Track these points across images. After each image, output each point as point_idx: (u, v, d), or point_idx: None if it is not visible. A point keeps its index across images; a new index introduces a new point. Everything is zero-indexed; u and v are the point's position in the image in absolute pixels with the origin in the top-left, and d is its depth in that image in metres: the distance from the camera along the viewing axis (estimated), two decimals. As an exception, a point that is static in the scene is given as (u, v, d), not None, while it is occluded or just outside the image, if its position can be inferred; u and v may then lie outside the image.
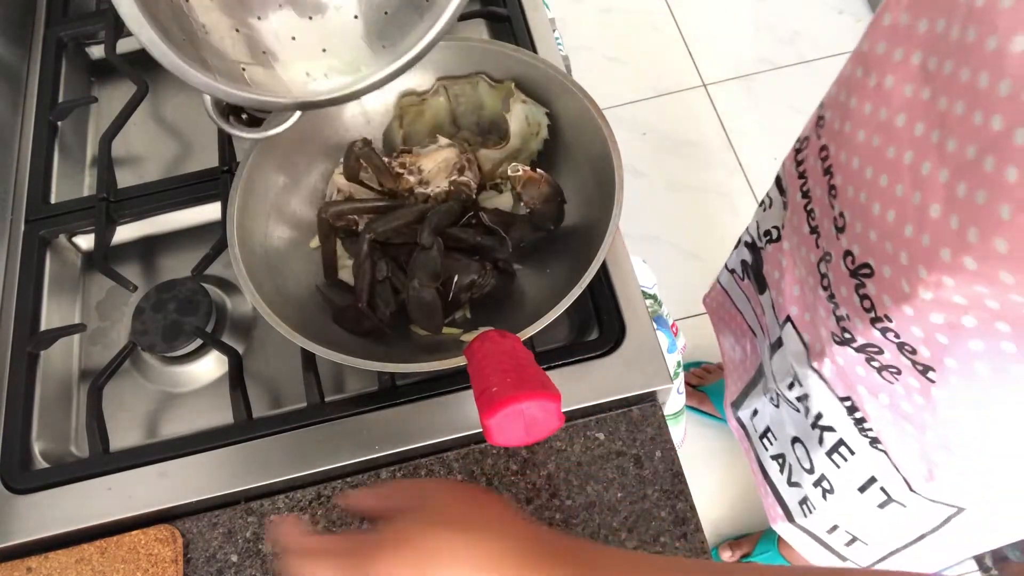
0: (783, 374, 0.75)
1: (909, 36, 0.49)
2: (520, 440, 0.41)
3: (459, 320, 0.64)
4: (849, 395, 0.66)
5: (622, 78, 1.83)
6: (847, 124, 0.56)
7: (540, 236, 0.65)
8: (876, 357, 0.59)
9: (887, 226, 0.51)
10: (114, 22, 0.84)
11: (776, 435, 0.84)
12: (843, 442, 0.71)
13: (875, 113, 0.52)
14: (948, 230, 0.45)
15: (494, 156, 0.67)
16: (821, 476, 0.76)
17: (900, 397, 0.60)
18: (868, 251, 0.54)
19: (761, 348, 0.84)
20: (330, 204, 0.64)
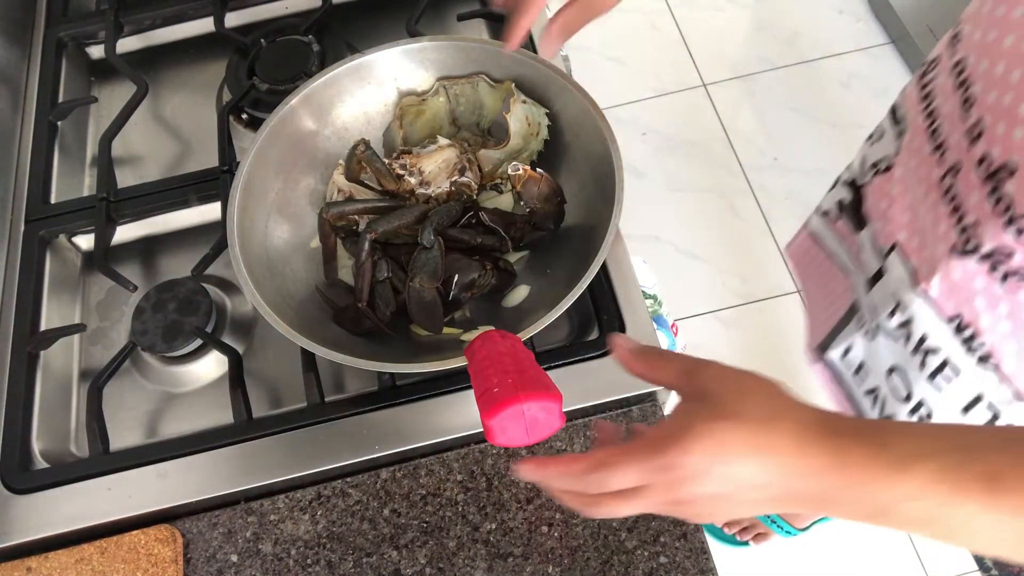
0: (884, 304, 0.75)
1: None
2: (521, 440, 0.41)
3: (459, 320, 0.64)
4: (959, 312, 0.66)
5: (622, 78, 1.83)
6: (991, 33, 0.57)
7: (540, 236, 0.65)
8: (1003, 262, 0.60)
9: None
10: (114, 22, 0.84)
11: (871, 369, 0.84)
12: (947, 363, 0.71)
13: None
14: None
15: (494, 156, 0.67)
16: (919, 403, 0.77)
17: (1022, 306, 0.60)
18: (1011, 149, 0.55)
19: (856, 284, 0.84)
20: (331, 204, 0.64)
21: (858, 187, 0.82)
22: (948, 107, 0.63)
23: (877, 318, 0.77)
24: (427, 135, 0.70)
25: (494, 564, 0.57)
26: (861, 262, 0.83)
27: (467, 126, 0.70)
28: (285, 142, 0.66)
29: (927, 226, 0.68)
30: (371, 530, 0.59)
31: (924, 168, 0.68)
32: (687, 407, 0.40)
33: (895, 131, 0.75)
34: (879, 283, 0.77)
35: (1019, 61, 0.54)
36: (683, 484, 0.38)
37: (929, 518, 0.36)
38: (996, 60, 0.57)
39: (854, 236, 0.84)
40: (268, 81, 0.77)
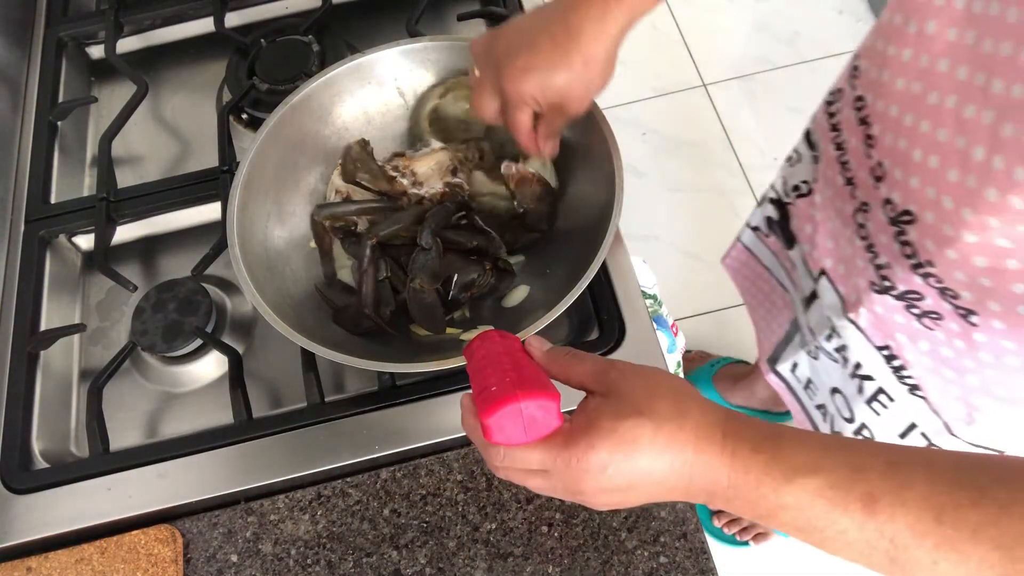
0: (820, 327, 0.75)
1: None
2: (519, 439, 0.41)
3: (458, 320, 0.64)
4: (887, 343, 0.67)
5: (622, 78, 1.82)
6: (885, 72, 0.56)
7: (535, 238, 0.65)
8: (916, 304, 0.60)
9: (930, 172, 0.51)
10: (114, 22, 0.84)
11: (817, 387, 0.85)
12: (882, 390, 0.71)
13: (915, 60, 0.52)
14: (993, 171, 0.45)
15: (486, 186, 0.66)
16: (861, 425, 0.77)
17: (940, 343, 0.61)
18: (909, 198, 0.55)
19: (794, 302, 0.85)
20: (323, 206, 0.64)
21: (784, 205, 0.82)
22: (854, 142, 0.63)
23: (817, 339, 0.77)
24: (461, 121, 0.69)
25: (494, 564, 0.57)
26: (796, 281, 0.82)
27: (494, 139, 0.70)
28: (285, 142, 0.66)
29: (848, 257, 0.68)
30: (371, 530, 0.59)
31: (839, 199, 0.67)
32: (596, 403, 0.41)
33: (811, 156, 0.74)
34: (814, 305, 0.76)
35: (911, 105, 0.53)
36: (584, 477, 0.39)
37: (807, 527, 0.37)
38: (890, 102, 0.56)
39: (787, 252, 0.83)
40: (268, 81, 0.77)
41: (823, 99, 0.71)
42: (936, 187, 0.51)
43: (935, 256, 0.54)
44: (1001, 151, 0.45)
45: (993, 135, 0.45)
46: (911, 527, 0.35)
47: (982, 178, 0.47)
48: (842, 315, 0.70)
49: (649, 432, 0.38)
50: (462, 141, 0.69)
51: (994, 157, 0.45)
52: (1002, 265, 0.50)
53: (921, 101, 0.52)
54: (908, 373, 0.67)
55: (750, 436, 0.39)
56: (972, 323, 0.56)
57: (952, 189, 0.50)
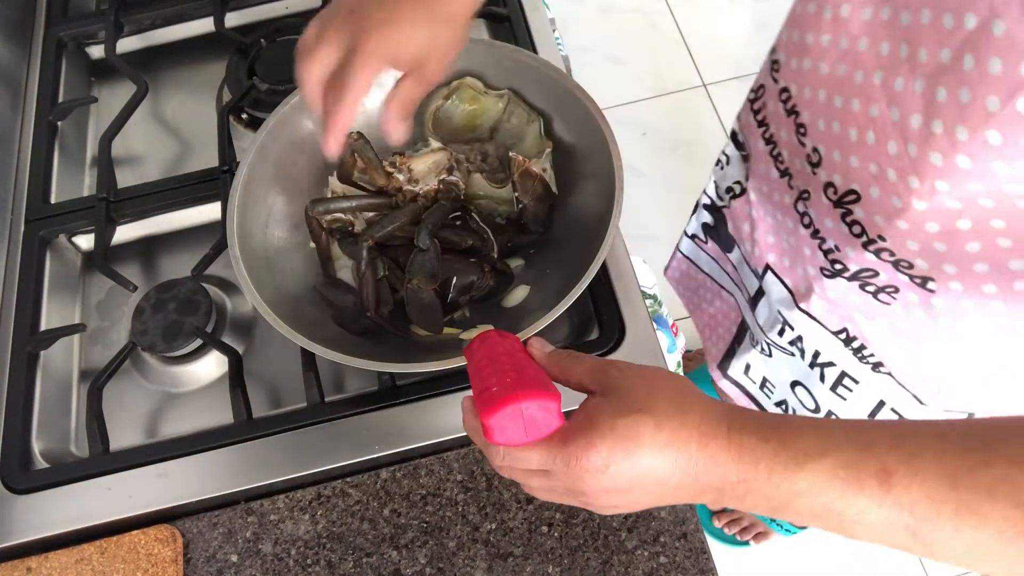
0: (771, 323, 0.76)
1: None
2: (520, 440, 0.41)
3: (458, 319, 0.64)
4: (844, 327, 0.67)
5: (622, 78, 1.83)
6: (806, 61, 0.57)
7: (530, 240, 0.65)
8: (871, 281, 0.60)
9: (868, 148, 0.52)
10: (114, 22, 0.84)
11: (775, 384, 0.85)
12: (845, 374, 0.72)
13: (835, 43, 0.53)
14: (934, 136, 0.46)
15: (483, 189, 0.66)
16: (828, 412, 0.78)
17: (899, 317, 0.61)
18: (851, 178, 0.55)
19: (740, 304, 0.85)
20: (316, 202, 0.64)
21: (718, 210, 0.82)
22: (784, 134, 0.63)
23: (768, 336, 0.77)
24: (466, 124, 0.69)
25: (494, 564, 0.57)
26: (739, 282, 0.82)
27: (498, 144, 0.70)
28: (285, 142, 0.66)
29: (792, 249, 0.68)
30: (371, 530, 0.59)
31: (776, 193, 0.68)
32: (595, 402, 0.41)
33: (740, 156, 0.75)
34: (761, 303, 0.77)
35: (838, 87, 0.54)
36: (584, 477, 0.39)
37: (825, 512, 0.37)
38: (817, 88, 0.56)
39: (726, 256, 0.84)
40: (268, 81, 0.77)
41: (746, 98, 0.71)
42: (877, 162, 0.52)
43: (885, 230, 0.54)
44: (938, 116, 0.45)
45: (927, 102, 0.46)
46: (928, 496, 0.34)
47: (923, 145, 0.47)
48: (793, 307, 0.71)
49: (650, 429, 0.38)
50: (465, 143, 0.69)
51: (932, 122, 0.46)
52: (954, 227, 0.50)
53: (848, 82, 0.52)
54: (869, 352, 0.67)
55: (756, 427, 0.38)
56: (930, 290, 0.57)
57: (894, 161, 0.50)
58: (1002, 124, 0.42)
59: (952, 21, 0.43)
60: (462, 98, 0.69)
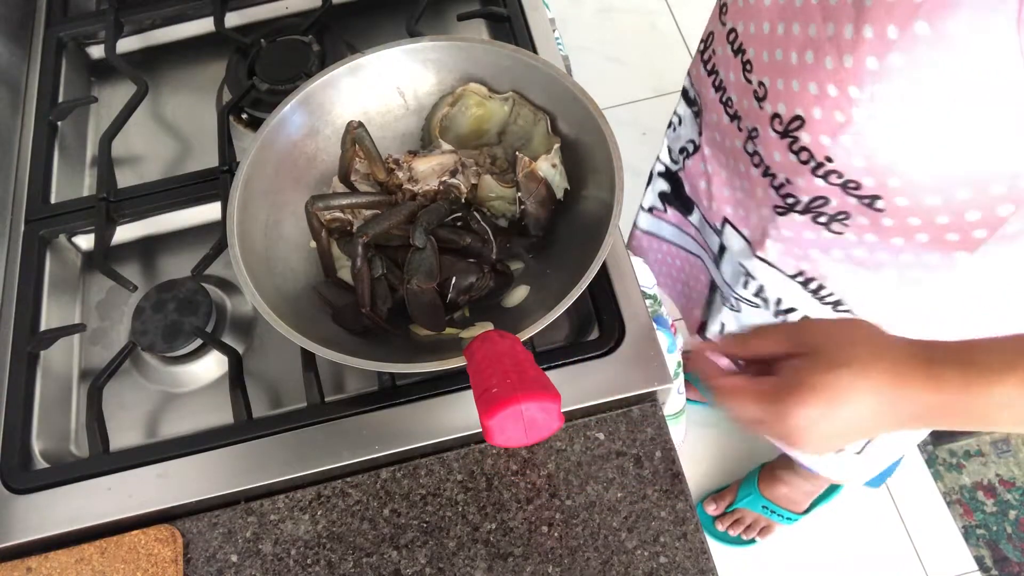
0: (735, 277, 0.79)
1: None
2: (520, 441, 0.41)
3: (457, 319, 0.64)
4: (801, 268, 0.70)
5: (622, 78, 1.83)
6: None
7: (528, 243, 0.65)
8: (822, 210, 0.63)
9: (808, 69, 0.54)
10: (114, 22, 0.84)
11: None
12: (807, 318, 0.75)
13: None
14: (866, 40, 0.48)
15: (494, 190, 0.66)
16: None
17: (852, 244, 0.64)
18: (794, 103, 0.57)
19: (707, 265, 0.88)
20: (317, 198, 0.63)
21: (674, 175, 0.85)
22: (733, 76, 0.66)
23: (735, 291, 0.80)
24: (474, 130, 0.69)
25: (494, 564, 0.57)
26: (704, 243, 0.85)
27: (506, 146, 0.70)
28: (285, 142, 0.66)
29: (746, 195, 0.71)
30: (371, 530, 0.59)
31: (728, 139, 0.70)
32: (799, 362, 0.45)
33: (692, 112, 0.78)
34: (724, 258, 0.80)
35: (779, 15, 0.57)
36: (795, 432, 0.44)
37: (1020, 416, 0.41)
38: (760, 21, 0.59)
39: (688, 220, 0.87)
40: (268, 81, 0.77)
41: (697, 51, 0.75)
42: (817, 81, 0.54)
43: (831, 150, 0.57)
44: (867, 20, 0.48)
45: (858, 9, 0.48)
46: None
47: (857, 52, 0.49)
48: (751, 256, 0.73)
49: (849, 380, 0.43)
50: (474, 148, 0.69)
51: (863, 28, 0.48)
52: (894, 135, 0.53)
53: (789, 7, 0.55)
54: (828, 291, 0.70)
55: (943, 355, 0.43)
56: (878, 209, 0.59)
57: (832, 76, 0.52)
58: (929, 13, 0.44)
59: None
60: (467, 104, 0.69)
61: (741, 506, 1.32)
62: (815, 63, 0.54)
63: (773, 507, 1.29)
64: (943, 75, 0.47)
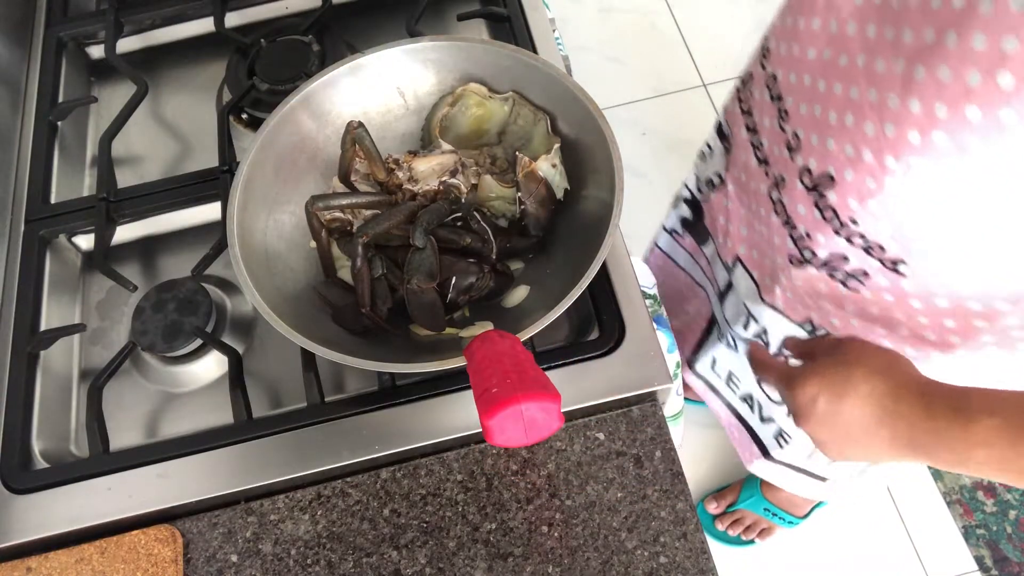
0: (736, 316, 0.78)
1: None
2: (520, 441, 0.41)
3: (457, 319, 0.64)
4: (809, 317, 0.70)
5: (622, 78, 1.83)
6: (795, 47, 0.59)
7: (528, 243, 0.65)
8: (840, 267, 0.62)
9: (847, 131, 0.54)
10: (114, 22, 0.84)
11: (740, 377, 0.86)
12: None
13: (825, 27, 0.55)
14: (912, 115, 0.48)
15: (494, 190, 0.66)
16: None
17: (868, 302, 0.64)
18: (828, 161, 0.57)
19: (711, 297, 0.88)
20: (317, 197, 0.63)
21: (697, 204, 0.84)
22: (767, 121, 0.65)
23: (733, 329, 0.79)
24: (474, 130, 0.69)
25: (494, 564, 0.57)
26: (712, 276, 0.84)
27: (506, 146, 0.70)
28: (285, 142, 0.66)
29: (763, 239, 0.70)
30: (371, 530, 0.59)
31: (753, 182, 0.69)
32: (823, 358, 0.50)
33: (722, 147, 0.76)
34: (730, 295, 0.79)
35: (822, 71, 0.55)
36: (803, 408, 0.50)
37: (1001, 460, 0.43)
38: (803, 72, 0.58)
39: (701, 250, 0.86)
40: (268, 81, 0.77)
41: (733, 88, 0.74)
42: (854, 144, 0.53)
43: (858, 213, 0.56)
44: (915, 94, 0.47)
45: (906, 81, 0.47)
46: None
47: (900, 124, 0.49)
48: (758, 300, 0.72)
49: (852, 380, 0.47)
50: (474, 148, 0.69)
51: (910, 101, 0.47)
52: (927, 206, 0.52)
53: (833, 66, 0.54)
54: None
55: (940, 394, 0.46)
56: (900, 273, 0.58)
57: (871, 142, 0.52)
58: (982, 100, 0.43)
59: (940, 2, 0.44)
60: (467, 104, 0.69)
61: (743, 507, 1.32)
62: (854, 126, 0.53)
63: (775, 510, 1.29)
64: (988, 162, 0.46)
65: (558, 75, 0.65)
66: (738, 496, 1.33)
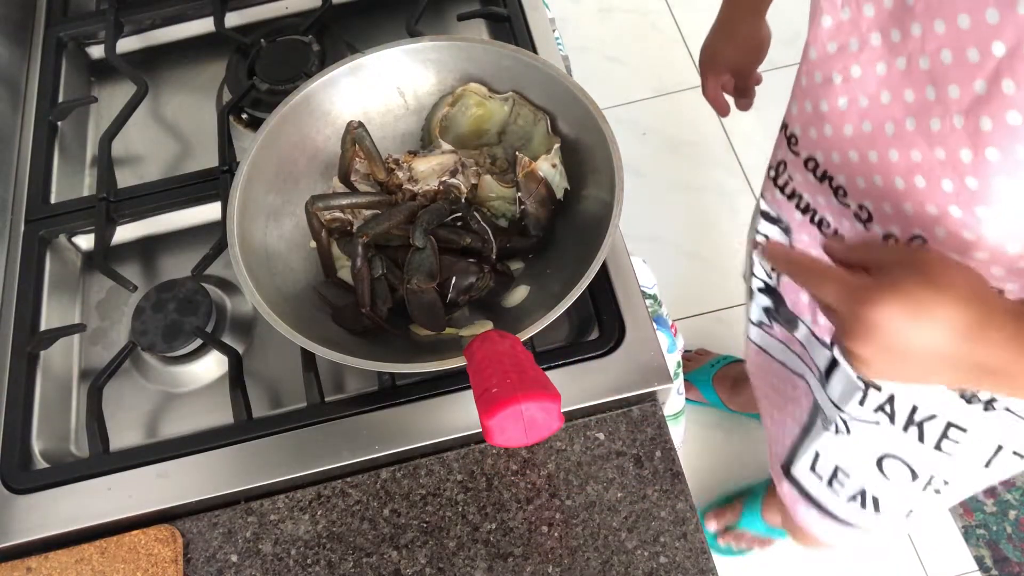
0: (848, 393, 0.71)
1: (857, 24, 0.50)
2: (520, 441, 0.41)
3: (457, 319, 0.64)
4: None
5: (622, 78, 1.83)
6: (826, 128, 0.56)
7: (528, 243, 0.65)
8: None
9: (921, 192, 0.50)
10: (114, 22, 0.84)
11: (848, 472, 0.79)
12: (951, 424, 0.67)
13: (854, 104, 0.53)
14: (991, 163, 0.45)
15: (494, 190, 0.66)
16: (930, 477, 0.73)
17: None
18: (910, 224, 0.53)
19: (812, 385, 0.80)
20: (317, 197, 0.64)
21: (773, 290, 0.79)
22: (823, 199, 0.61)
23: (845, 409, 0.73)
24: (474, 130, 0.69)
25: (494, 564, 0.57)
26: (811, 361, 0.78)
27: (506, 146, 0.70)
28: (285, 142, 0.66)
29: None
30: (371, 530, 0.59)
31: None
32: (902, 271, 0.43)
33: (778, 229, 0.72)
34: (835, 374, 0.72)
35: (869, 144, 0.53)
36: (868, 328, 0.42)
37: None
38: (846, 150, 0.55)
39: (794, 336, 0.79)
40: (268, 81, 0.77)
41: (767, 176, 0.69)
42: (935, 203, 0.50)
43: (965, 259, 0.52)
44: (990, 143, 0.44)
45: (972, 134, 0.45)
46: None
47: (981, 174, 0.46)
48: None
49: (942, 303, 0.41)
50: (474, 148, 0.69)
51: (985, 150, 0.45)
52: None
53: (879, 136, 0.51)
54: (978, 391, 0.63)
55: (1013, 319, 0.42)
56: None
57: (953, 198, 0.49)
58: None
59: (977, 54, 0.42)
60: (467, 104, 0.69)
61: (743, 527, 1.30)
62: (930, 186, 0.49)
63: (777, 532, 1.28)
64: None
65: (558, 75, 0.65)
66: (740, 516, 1.31)
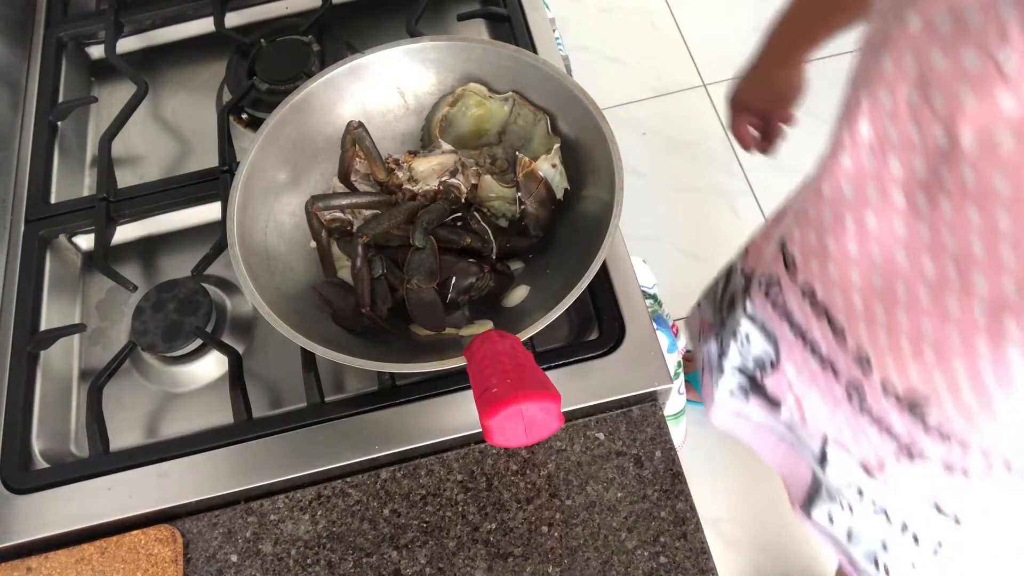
0: (846, 488, 0.68)
1: (880, 177, 0.46)
2: (520, 441, 0.41)
3: (457, 319, 0.64)
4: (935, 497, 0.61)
5: (622, 78, 1.83)
6: (830, 266, 0.53)
7: (528, 243, 0.65)
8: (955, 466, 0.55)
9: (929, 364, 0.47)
10: (114, 22, 0.84)
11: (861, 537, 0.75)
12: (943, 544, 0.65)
13: (865, 253, 0.49)
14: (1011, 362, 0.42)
15: (494, 190, 0.66)
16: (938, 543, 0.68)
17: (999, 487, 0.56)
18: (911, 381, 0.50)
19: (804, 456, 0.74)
20: (317, 197, 0.64)
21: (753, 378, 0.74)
22: (818, 331, 0.58)
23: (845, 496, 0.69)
24: (474, 130, 0.69)
25: (494, 564, 0.57)
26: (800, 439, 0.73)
27: (506, 146, 0.70)
28: (285, 142, 0.66)
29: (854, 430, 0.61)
30: (371, 530, 0.59)
31: (820, 380, 0.61)
32: None
33: (763, 334, 0.68)
34: (828, 468, 0.69)
35: (878, 298, 0.49)
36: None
37: None
38: (850, 293, 0.52)
39: (777, 414, 0.74)
40: (268, 81, 0.77)
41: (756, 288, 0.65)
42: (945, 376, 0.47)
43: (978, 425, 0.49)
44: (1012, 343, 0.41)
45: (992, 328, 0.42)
46: None
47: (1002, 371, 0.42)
48: (867, 476, 0.63)
49: None
50: (474, 148, 0.69)
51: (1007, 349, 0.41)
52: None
53: (889, 295, 0.48)
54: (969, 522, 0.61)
55: None
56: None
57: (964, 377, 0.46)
58: None
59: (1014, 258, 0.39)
60: (467, 104, 0.69)
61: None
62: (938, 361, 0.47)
63: None
64: None
65: (558, 75, 0.65)
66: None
